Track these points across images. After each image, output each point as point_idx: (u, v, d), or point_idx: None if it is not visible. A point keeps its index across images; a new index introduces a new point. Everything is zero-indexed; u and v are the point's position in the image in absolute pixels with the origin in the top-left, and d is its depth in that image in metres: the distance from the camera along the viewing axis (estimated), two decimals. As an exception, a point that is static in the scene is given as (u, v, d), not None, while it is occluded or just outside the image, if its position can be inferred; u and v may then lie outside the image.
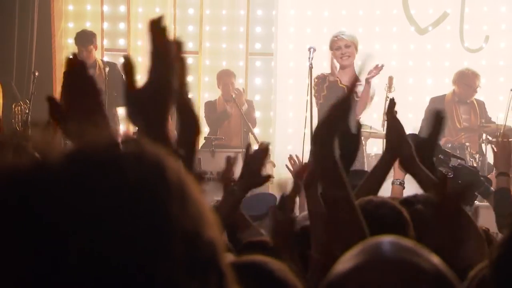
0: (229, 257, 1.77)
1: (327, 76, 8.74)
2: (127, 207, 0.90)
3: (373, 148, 9.97)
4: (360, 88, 8.32)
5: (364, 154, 9.06)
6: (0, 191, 0.91)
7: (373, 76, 8.41)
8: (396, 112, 3.52)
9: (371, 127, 9.41)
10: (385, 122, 3.77)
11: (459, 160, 6.02)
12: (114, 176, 0.92)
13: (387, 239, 1.33)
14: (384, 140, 3.63)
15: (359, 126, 3.56)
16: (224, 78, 10.40)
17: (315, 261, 2.38)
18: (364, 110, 8.64)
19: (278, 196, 4.26)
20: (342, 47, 8.61)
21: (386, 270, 1.27)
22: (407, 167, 3.32)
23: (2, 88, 10.34)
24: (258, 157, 3.54)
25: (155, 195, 0.92)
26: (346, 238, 2.07)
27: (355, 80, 2.56)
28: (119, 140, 0.97)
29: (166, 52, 1.74)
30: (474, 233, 3.03)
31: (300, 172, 3.65)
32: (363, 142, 9.65)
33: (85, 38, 10.18)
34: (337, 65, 8.77)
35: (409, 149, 3.31)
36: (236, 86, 10.40)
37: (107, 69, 10.02)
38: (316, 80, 8.71)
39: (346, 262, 1.31)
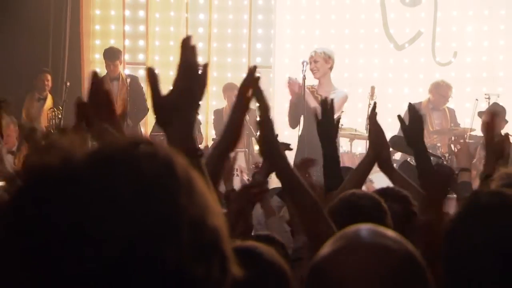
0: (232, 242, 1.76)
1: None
2: (142, 199, 0.90)
3: (358, 148, 9.96)
4: (331, 96, 8.23)
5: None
6: (25, 187, 0.91)
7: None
8: (376, 114, 3.51)
9: (356, 130, 9.39)
10: (368, 126, 3.74)
11: (434, 159, 6.02)
12: (130, 173, 0.91)
13: (365, 227, 1.33)
14: (368, 141, 3.60)
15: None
16: (228, 91, 10.43)
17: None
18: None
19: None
20: (312, 63, 8.45)
21: (362, 252, 1.27)
22: (383, 167, 3.33)
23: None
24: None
25: (166, 188, 0.92)
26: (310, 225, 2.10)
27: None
28: (137, 140, 0.96)
29: (193, 65, 1.72)
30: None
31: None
32: (349, 143, 9.64)
33: (112, 54, 10.20)
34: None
35: (387, 152, 3.31)
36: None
37: (128, 80, 10.08)
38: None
39: (328, 246, 1.31)
